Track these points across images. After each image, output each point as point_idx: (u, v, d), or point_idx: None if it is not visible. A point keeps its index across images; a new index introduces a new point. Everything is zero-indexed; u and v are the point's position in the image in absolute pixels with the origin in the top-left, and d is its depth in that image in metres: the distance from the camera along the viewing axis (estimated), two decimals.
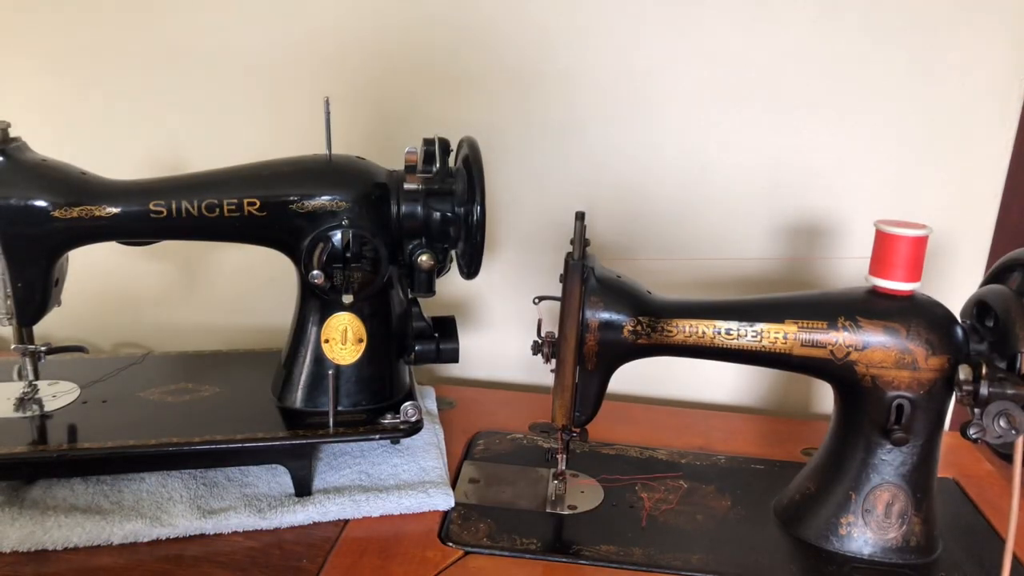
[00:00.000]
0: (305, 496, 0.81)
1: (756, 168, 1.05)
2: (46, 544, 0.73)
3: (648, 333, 0.78)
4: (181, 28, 1.08)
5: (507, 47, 1.04)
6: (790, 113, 1.02)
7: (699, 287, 1.08)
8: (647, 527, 0.81)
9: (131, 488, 0.81)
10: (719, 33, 1.01)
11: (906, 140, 1.02)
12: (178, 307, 1.19)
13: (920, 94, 1.00)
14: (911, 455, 0.76)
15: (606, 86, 1.04)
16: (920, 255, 0.75)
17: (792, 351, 0.76)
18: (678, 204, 1.07)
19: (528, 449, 0.94)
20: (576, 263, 0.76)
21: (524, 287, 1.12)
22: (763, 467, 0.93)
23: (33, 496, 0.79)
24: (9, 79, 1.12)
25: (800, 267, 1.07)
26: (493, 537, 0.78)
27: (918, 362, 0.74)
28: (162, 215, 0.79)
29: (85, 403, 0.86)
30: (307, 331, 0.85)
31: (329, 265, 0.80)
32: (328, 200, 0.81)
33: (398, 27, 1.05)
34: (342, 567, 0.73)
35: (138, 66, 1.10)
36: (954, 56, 0.98)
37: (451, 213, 0.83)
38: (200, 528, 0.76)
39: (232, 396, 0.89)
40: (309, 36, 1.07)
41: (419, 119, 1.07)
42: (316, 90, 1.05)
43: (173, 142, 1.12)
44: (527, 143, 1.07)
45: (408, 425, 0.83)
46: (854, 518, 0.77)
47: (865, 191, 1.04)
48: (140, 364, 0.96)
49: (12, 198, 0.77)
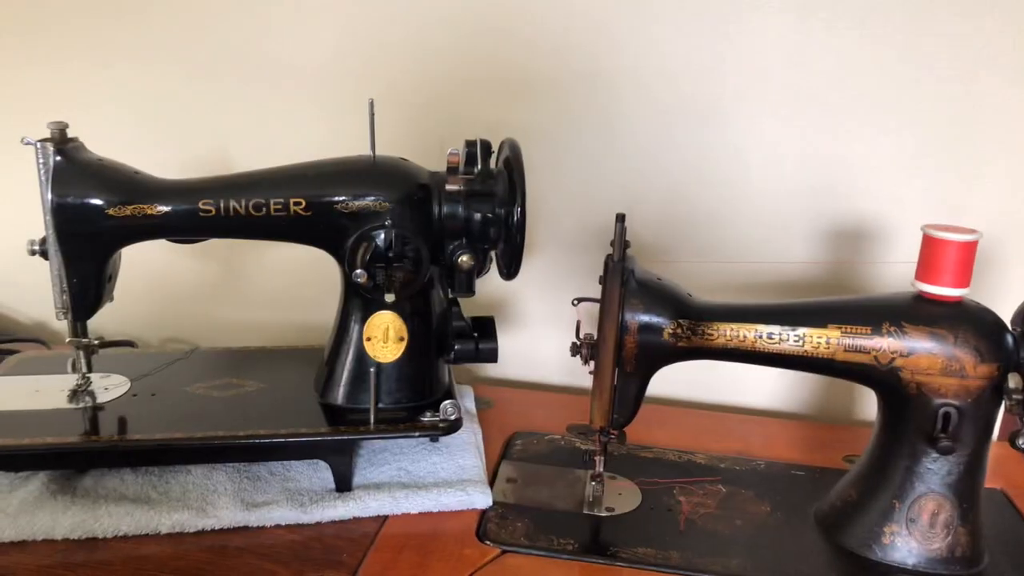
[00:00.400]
0: (345, 491, 0.82)
1: (800, 171, 1.04)
2: (97, 532, 0.75)
3: (688, 336, 0.77)
4: (230, 32, 1.10)
5: (550, 49, 1.05)
6: (835, 116, 1.01)
7: (740, 291, 1.07)
8: (685, 531, 0.80)
9: (178, 480, 0.83)
10: (764, 36, 1.00)
11: (956, 143, 1.00)
12: (224, 304, 1.21)
13: (970, 97, 0.98)
14: (958, 464, 0.74)
15: (648, 88, 1.04)
16: (969, 260, 0.74)
17: (835, 356, 0.75)
18: (720, 206, 1.06)
19: (566, 450, 0.94)
20: (616, 265, 0.76)
21: (563, 288, 1.12)
22: (803, 473, 0.92)
23: (85, 485, 0.81)
24: (65, 81, 1.16)
25: (844, 272, 1.06)
26: (530, 536, 0.79)
27: (966, 369, 0.72)
28: (211, 214, 0.81)
29: (135, 396, 0.88)
30: (349, 329, 0.87)
31: (372, 264, 0.81)
32: (372, 201, 0.82)
33: (442, 31, 1.06)
34: (381, 562, 0.74)
35: (189, 70, 1.13)
36: (1005, 59, 0.96)
37: (492, 214, 0.83)
38: (244, 520, 0.78)
39: (275, 392, 0.90)
40: (354, 40, 1.08)
41: (461, 121, 1.08)
42: (360, 92, 1.07)
43: (222, 142, 1.14)
44: (568, 145, 1.08)
45: (447, 423, 0.84)
46: (898, 527, 0.76)
47: (913, 195, 1.02)
48: (187, 359, 0.99)
49: (70, 197, 0.79)
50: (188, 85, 1.13)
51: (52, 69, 1.15)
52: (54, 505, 0.77)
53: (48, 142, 0.79)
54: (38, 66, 1.16)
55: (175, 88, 1.13)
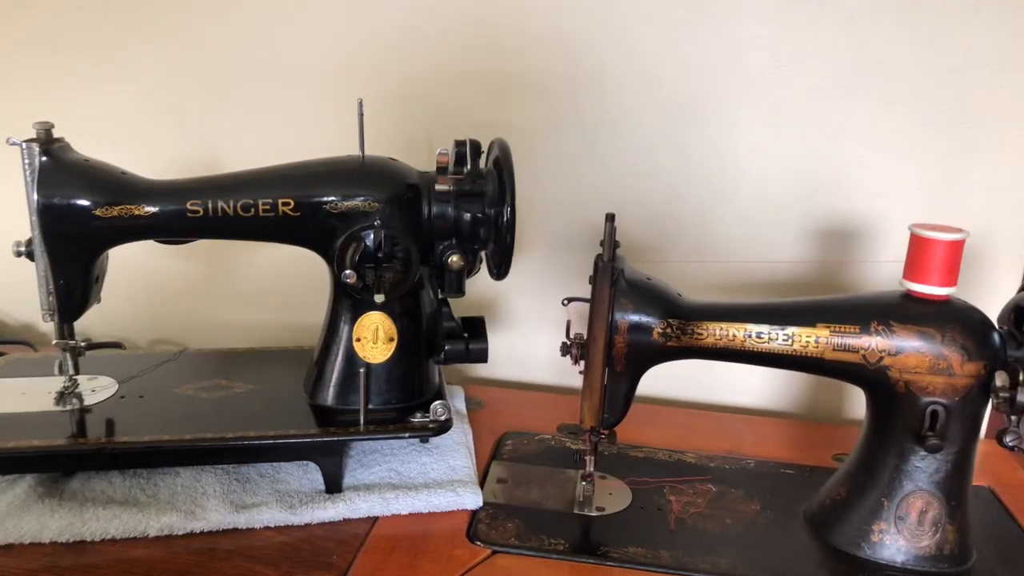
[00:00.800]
0: (335, 493, 0.82)
1: (788, 170, 1.04)
2: (84, 535, 0.75)
3: (678, 335, 0.77)
4: (217, 32, 1.10)
5: (538, 50, 1.05)
6: (823, 115, 1.01)
7: (730, 290, 1.07)
8: (675, 530, 0.80)
9: (166, 482, 0.82)
10: (750, 36, 1.00)
11: (942, 142, 1.00)
12: (212, 305, 1.21)
13: (957, 96, 0.99)
14: (945, 462, 0.75)
15: (637, 89, 1.04)
16: (956, 259, 0.74)
17: (824, 355, 0.76)
18: (709, 206, 1.07)
19: (556, 450, 0.94)
20: (606, 265, 0.76)
21: (553, 288, 1.12)
22: (793, 472, 0.92)
23: (72, 488, 0.81)
24: (51, 81, 1.15)
25: (832, 271, 1.06)
26: (521, 537, 0.78)
27: (953, 368, 0.73)
28: (199, 214, 0.81)
29: (123, 398, 0.88)
30: (339, 330, 0.86)
31: (361, 265, 0.81)
32: (361, 201, 0.82)
33: (431, 30, 1.06)
34: (371, 564, 0.74)
35: (175, 68, 1.12)
36: (992, 57, 0.97)
37: (481, 214, 0.83)
38: (233, 522, 0.77)
39: (265, 393, 0.90)
40: (343, 39, 1.08)
41: (451, 121, 1.08)
42: (350, 92, 1.07)
43: (210, 143, 1.14)
44: (558, 145, 1.08)
45: (437, 424, 0.84)
46: (887, 525, 0.76)
47: (900, 194, 1.03)
48: (175, 361, 0.98)
49: (56, 197, 0.79)
50: (175, 85, 1.13)
51: (37, 67, 1.15)
52: (41, 508, 0.77)
53: (34, 142, 0.78)
54: (23, 63, 1.15)
55: (162, 88, 1.13)
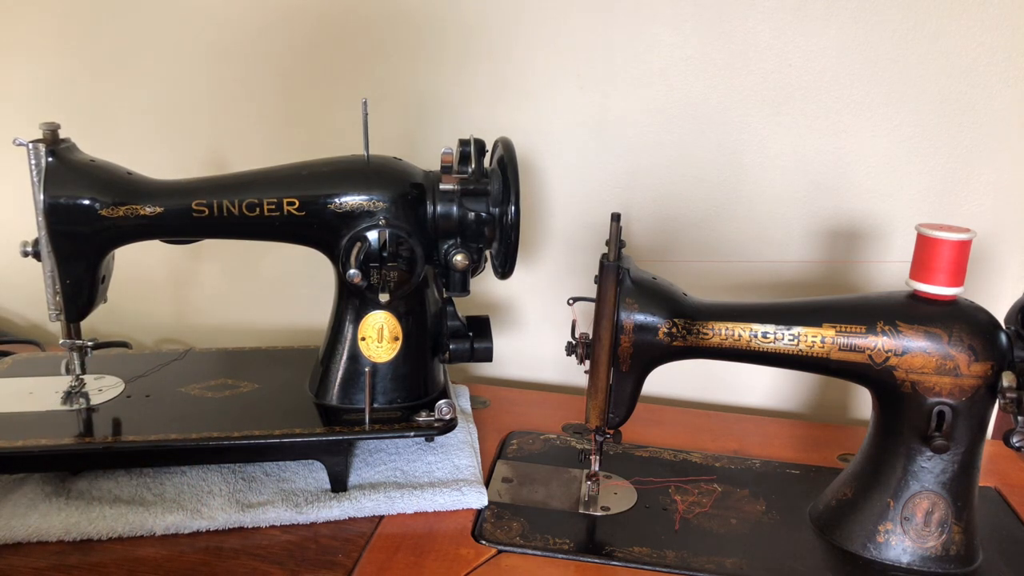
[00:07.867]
0: (341, 492, 0.82)
1: (794, 170, 1.04)
2: (91, 534, 0.75)
3: (683, 335, 0.77)
4: (222, 30, 1.10)
5: (544, 49, 1.05)
6: (830, 115, 1.01)
7: (735, 290, 1.07)
8: (680, 530, 0.80)
9: (172, 481, 0.82)
10: (758, 36, 1.00)
11: (949, 142, 1.00)
12: (218, 305, 1.21)
13: (964, 96, 0.98)
14: (952, 463, 0.75)
15: (643, 89, 1.04)
16: (963, 259, 0.74)
17: (830, 355, 0.75)
18: (715, 206, 1.06)
19: (561, 450, 0.94)
20: (611, 264, 0.76)
21: (559, 288, 1.12)
22: (798, 472, 0.92)
23: (79, 487, 0.81)
24: (56, 81, 1.15)
25: (839, 271, 1.06)
26: (526, 536, 0.78)
27: (960, 368, 0.72)
28: (204, 214, 0.81)
29: (129, 397, 0.88)
30: (344, 329, 0.87)
31: (366, 264, 0.81)
32: (365, 200, 0.82)
33: (436, 30, 1.06)
34: (377, 562, 0.74)
35: (181, 69, 1.12)
36: (999, 58, 0.96)
37: (486, 213, 0.83)
38: (239, 521, 0.78)
39: (270, 392, 0.90)
40: (348, 37, 1.08)
41: (455, 120, 1.08)
42: (355, 91, 1.07)
43: (215, 143, 1.14)
44: (563, 144, 1.08)
45: (442, 423, 0.84)
46: (892, 526, 0.76)
47: (907, 194, 1.02)
48: (181, 360, 0.98)
49: (62, 198, 0.79)
50: (182, 85, 1.13)
51: (43, 69, 1.15)
52: (48, 507, 0.77)
53: (40, 143, 0.79)
54: (28, 63, 1.15)
55: (167, 88, 1.13)
